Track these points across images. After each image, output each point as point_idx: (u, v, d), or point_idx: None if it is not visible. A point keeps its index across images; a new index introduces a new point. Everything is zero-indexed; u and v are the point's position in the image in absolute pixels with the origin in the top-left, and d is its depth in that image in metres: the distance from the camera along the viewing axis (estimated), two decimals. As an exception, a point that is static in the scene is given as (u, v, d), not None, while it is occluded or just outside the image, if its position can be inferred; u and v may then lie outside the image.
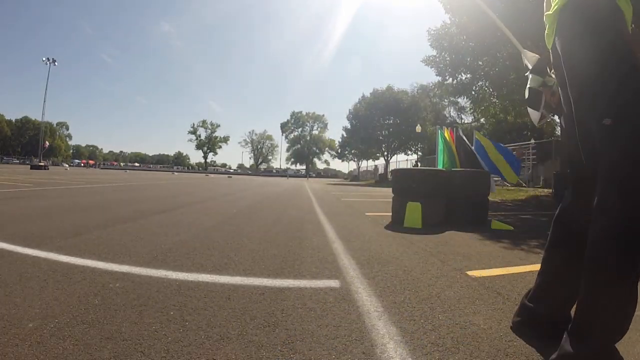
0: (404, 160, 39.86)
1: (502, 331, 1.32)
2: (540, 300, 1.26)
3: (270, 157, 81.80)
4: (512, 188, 12.11)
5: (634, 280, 0.92)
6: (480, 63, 10.57)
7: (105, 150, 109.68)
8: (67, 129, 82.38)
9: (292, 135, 72.75)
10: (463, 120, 38.03)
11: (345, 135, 47.09)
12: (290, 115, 72.98)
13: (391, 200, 4.65)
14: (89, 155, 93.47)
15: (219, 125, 78.90)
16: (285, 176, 51.38)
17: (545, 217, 5.68)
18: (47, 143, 40.87)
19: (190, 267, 2.01)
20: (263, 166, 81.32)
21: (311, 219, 4.41)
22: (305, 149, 70.54)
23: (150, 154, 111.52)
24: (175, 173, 40.44)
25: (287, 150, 72.47)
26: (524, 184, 13.52)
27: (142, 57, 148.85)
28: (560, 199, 1.27)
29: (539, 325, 1.25)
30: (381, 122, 41.15)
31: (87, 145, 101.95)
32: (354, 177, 46.88)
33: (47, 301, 1.41)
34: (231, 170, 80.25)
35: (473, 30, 9.22)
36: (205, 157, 78.44)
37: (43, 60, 37.33)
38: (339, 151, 52.19)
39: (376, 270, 2.10)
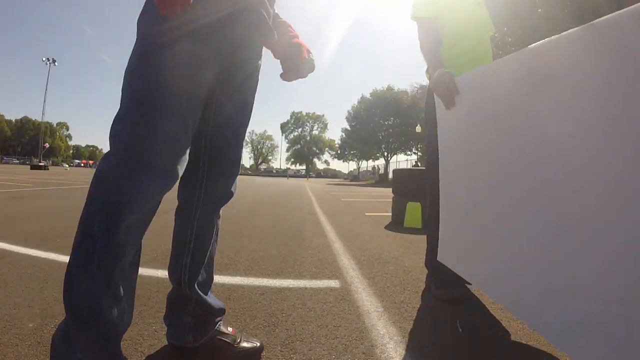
0: (404, 161, 40.01)
1: (501, 331, 1.32)
2: None
3: (270, 157, 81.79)
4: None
5: None
6: None
7: (105, 151, 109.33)
8: (67, 129, 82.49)
9: (292, 136, 72.79)
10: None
11: (344, 136, 47.14)
12: (290, 116, 73.05)
13: (391, 200, 4.65)
14: (89, 156, 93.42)
15: (219, 126, 78.68)
16: (285, 176, 51.29)
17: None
18: (47, 144, 40.92)
19: (190, 267, 2.01)
20: (263, 166, 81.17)
21: (311, 219, 4.41)
22: (305, 149, 70.49)
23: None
24: (175, 173, 40.24)
25: (287, 150, 72.49)
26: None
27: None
28: None
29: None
30: (381, 122, 41.20)
31: (87, 146, 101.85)
32: (354, 177, 46.90)
33: (47, 301, 1.41)
34: (231, 171, 79.84)
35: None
36: (205, 157, 78.09)
37: (43, 61, 37.34)
38: (339, 151, 52.24)
39: (376, 270, 2.10)
